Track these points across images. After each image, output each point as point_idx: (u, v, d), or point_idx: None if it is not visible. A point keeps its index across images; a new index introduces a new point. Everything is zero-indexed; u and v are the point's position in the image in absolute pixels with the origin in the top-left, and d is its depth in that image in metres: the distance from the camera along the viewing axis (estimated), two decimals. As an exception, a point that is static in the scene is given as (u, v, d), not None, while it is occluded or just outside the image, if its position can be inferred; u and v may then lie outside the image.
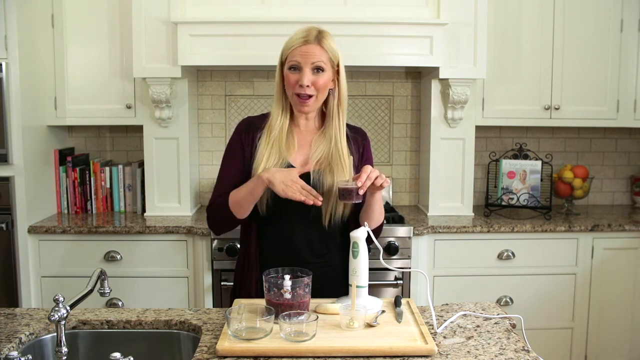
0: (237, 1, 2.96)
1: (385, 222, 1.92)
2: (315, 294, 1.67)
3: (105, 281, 1.58)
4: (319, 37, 1.77)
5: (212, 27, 2.90)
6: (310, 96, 1.76)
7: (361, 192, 1.63)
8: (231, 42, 2.90)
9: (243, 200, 1.75)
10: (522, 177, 3.33)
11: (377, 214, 1.81)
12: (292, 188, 1.65)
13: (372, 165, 1.89)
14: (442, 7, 2.97)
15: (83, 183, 3.28)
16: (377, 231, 1.84)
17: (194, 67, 3.21)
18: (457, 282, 2.98)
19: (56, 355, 1.39)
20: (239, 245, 2.74)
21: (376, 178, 1.65)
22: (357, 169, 1.82)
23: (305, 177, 1.78)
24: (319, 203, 1.67)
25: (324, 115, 1.87)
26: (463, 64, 3.05)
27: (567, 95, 3.24)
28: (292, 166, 1.79)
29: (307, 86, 1.74)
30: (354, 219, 1.86)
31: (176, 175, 3.16)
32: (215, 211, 1.82)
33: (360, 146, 1.89)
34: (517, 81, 3.23)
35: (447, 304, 1.78)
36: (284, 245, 1.82)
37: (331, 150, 1.80)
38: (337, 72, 1.81)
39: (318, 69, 1.75)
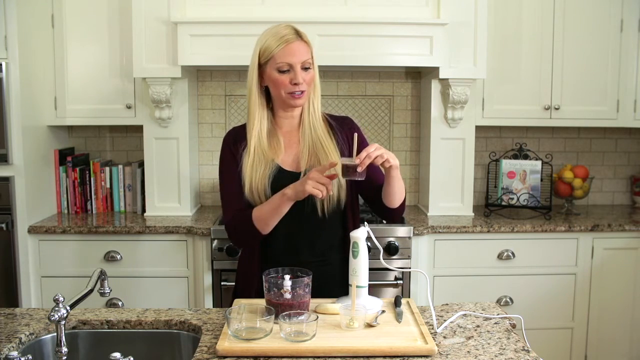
0: (237, 1, 2.96)
1: (404, 205, 1.87)
2: (314, 294, 1.67)
3: (105, 281, 1.58)
4: (297, 33, 1.77)
5: (212, 27, 2.90)
6: (302, 91, 1.76)
7: (359, 169, 1.60)
8: (231, 42, 2.90)
9: (269, 218, 1.73)
10: (522, 177, 3.33)
11: (396, 193, 1.77)
12: (313, 187, 1.62)
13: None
14: (442, 7, 2.97)
15: (83, 183, 3.28)
16: (401, 209, 1.83)
17: (194, 67, 3.21)
18: (457, 282, 2.98)
19: (56, 355, 1.39)
20: (239, 245, 2.76)
21: (377, 158, 1.61)
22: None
23: (296, 177, 1.77)
24: (330, 190, 1.64)
25: None
26: (463, 64, 3.05)
27: (567, 95, 3.24)
28: (282, 168, 1.79)
29: (301, 83, 1.74)
30: (351, 209, 1.86)
31: (176, 175, 3.16)
32: (239, 228, 1.79)
33: (347, 135, 1.86)
34: (517, 81, 3.23)
35: (447, 304, 1.78)
36: (282, 244, 1.82)
37: (313, 139, 1.81)
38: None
39: (307, 66, 1.76)
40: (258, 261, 1.84)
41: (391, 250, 2.81)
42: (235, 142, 1.86)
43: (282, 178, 1.77)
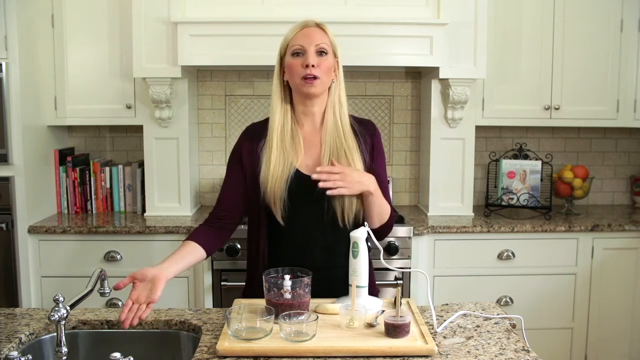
0: (237, 1, 2.96)
1: (391, 222, 1.81)
2: (324, 296, 1.67)
3: (105, 281, 1.58)
4: (318, 23, 1.76)
5: (212, 27, 2.90)
6: (315, 77, 1.68)
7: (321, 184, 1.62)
8: (231, 42, 2.90)
9: None
10: (522, 177, 3.33)
11: (376, 214, 1.74)
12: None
13: (385, 161, 1.87)
14: (442, 7, 2.98)
15: (83, 183, 3.28)
16: (385, 229, 1.79)
17: (194, 67, 3.21)
18: (457, 282, 2.98)
19: (56, 355, 1.39)
20: (239, 246, 2.76)
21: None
22: (369, 166, 1.77)
23: (315, 181, 1.69)
24: (125, 325, 1.49)
25: None
26: (463, 64, 3.05)
27: (567, 95, 3.24)
28: (301, 173, 1.73)
29: (313, 66, 1.67)
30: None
31: (176, 175, 3.16)
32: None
33: (368, 142, 1.81)
34: (517, 81, 3.23)
35: (447, 304, 1.78)
36: (298, 248, 1.77)
37: (336, 142, 1.74)
38: (337, 63, 1.77)
39: (322, 52, 1.70)
40: (268, 263, 1.79)
41: (391, 250, 2.81)
42: (250, 139, 1.80)
43: (300, 182, 1.71)
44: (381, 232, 1.79)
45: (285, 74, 1.75)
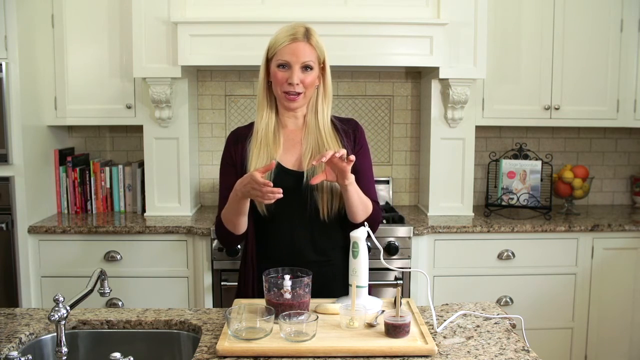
0: (237, 1, 2.96)
1: (377, 216, 1.84)
2: (317, 294, 1.67)
3: (105, 281, 1.58)
4: (307, 34, 1.76)
5: (212, 27, 2.90)
6: (298, 93, 1.75)
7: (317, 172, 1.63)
8: (231, 42, 2.90)
9: (232, 218, 1.76)
10: (522, 177, 3.33)
11: (358, 206, 1.75)
12: (254, 195, 1.62)
13: (369, 155, 1.91)
14: (442, 7, 2.97)
15: (83, 183, 3.28)
16: (371, 222, 1.78)
17: (194, 67, 3.21)
18: (457, 282, 2.98)
19: (56, 355, 1.39)
20: (238, 246, 2.76)
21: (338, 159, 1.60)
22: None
23: (299, 176, 1.77)
24: (279, 196, 1.60)
25: None
26: (463, 64, 3.05)
27: (567, 95, 3.24)
28: (282, 166, 1.79)
29: (297, 84, 1.74)
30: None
31: (176, 175, 3.16)
32: (218, 231, 1.84)
33: (351, 137, 1.86)
34: (517, 81, 3.23)
35: (447, 304, 1.78)
36: (285, 244, 1.81)
37: (318, 143, 1.79)
38: (323, 69, 1.81)
39: (307, 68, 1.75)
40: (257, 262, 1.84)
41: (391, 250, 2.81)
42: (236, 142, 1.86)
43: (284, 176, 1.76)
44: (372, 222, 1.78)
45: (270, 77, 1.80)
